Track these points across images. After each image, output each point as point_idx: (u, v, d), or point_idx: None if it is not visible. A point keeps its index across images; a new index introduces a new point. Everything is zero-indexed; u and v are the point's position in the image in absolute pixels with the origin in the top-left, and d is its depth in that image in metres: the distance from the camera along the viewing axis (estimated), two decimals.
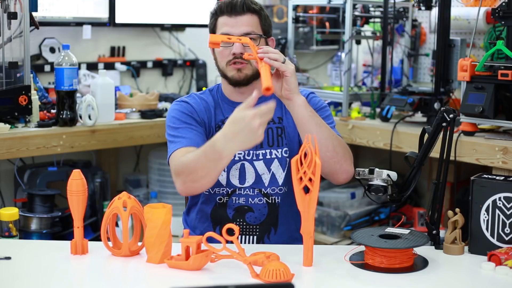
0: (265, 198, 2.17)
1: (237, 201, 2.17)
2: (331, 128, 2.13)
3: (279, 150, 2.18)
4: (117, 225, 3.00)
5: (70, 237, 2.02)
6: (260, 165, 2.16)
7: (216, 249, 1.74)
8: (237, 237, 1.72)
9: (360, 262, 1.81)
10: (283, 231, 2.19)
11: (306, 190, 1.75)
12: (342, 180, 2.09)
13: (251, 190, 2.17)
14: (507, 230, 1.85)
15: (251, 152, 2.16)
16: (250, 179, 2.17)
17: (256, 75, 2.14)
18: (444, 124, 1.92)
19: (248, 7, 2.14)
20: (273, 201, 2.17)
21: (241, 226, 2.16)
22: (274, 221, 2.18)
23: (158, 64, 4.08)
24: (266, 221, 2.17)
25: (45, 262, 1.84)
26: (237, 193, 2.17)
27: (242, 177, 2.17)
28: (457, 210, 1.91)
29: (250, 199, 2.16)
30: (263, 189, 2.17)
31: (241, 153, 2.16)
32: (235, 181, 2.17)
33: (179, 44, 4.18)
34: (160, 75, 4.12)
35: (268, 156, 2.16)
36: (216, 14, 2.17)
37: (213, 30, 2.18)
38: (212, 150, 1.86)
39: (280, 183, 2.17)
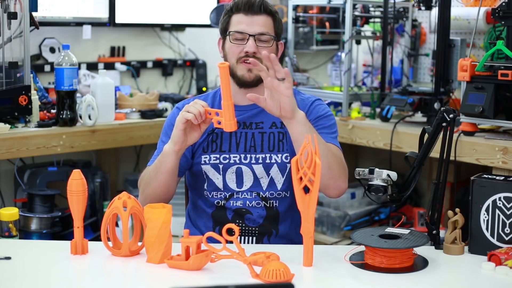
0: (263, 201, 2.16)
1: (235, 204, 2.16)
2: (332, 138, 2.14)
3: (279, 155, 2.16)
4: (117, 225, 3.00)
5: (70, 237, 2.02)
6: (259, 169, 2.15)
7: (216, 249, 1.74)
8: (237, 237, 1.72)
9: (360, 262, 1.81)
10: (283, 235, 2.18)
11: (306, 190, 1.76)
12: (333, 196, 2.12)
13: (249, 193, 2.16)
14: (507, 230, 1.85)
15: (248, 156, 2.15)
16: (248, 183, 2.16)
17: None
18: (444, 124, 1.92)
19: (265, 8, 2.15)
20: (271, 205, 2.17)
21: (241, 228, 2.16)
22: (273, 224, 2.17)
23: (158, 64, 4.08)
24: (264, 224, 2.16)
25: (45, 262, 1.84)
26: (235, 196, 2.17)
27: (239, 180, 2.16)
28: (457, 210, 1.91)
29: (248, 202, 2.16)
30: (261, 193, 2.16)
31: (236, 156, 2.15)
32: (232, 184, 2.16)
33: (179, 44, 4.18)
34: (160, 75, 4.12)
35: (267, 161, 2.15)
36: (231, 11, 2.17)
37: (225, 28, 2.18)
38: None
39: (279, 188, 2.16)
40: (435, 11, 3.33)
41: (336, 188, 2.08)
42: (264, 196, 2.16)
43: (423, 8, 3.21)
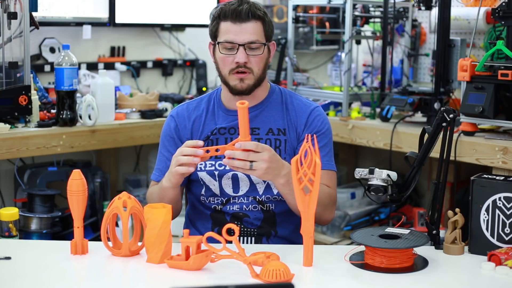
0: (260, 205, 2.15)
1: (231, 209, 2.16)
2: (327, 162, 2.14)
3: None
4: (117, 225, 3.00)
5: (70, 237, 2.02)
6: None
7: (216, 249, 1.74)
8: (237, 238, 1.72)
9: (360, 262, 1.81)
10: (282, 236, 2.18)
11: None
12: (322, 225, 2.28)
13: (245, 198, 2.16)
14: (507, 230, 1.85)
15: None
16: (244, 188, 2.15)
17: (257, 84, 2.14)
18: (444, 124, 1.92)
19: (254, 14, 2.09)
20: (268, 208, 2.16)
21: (240, 229, 2.15)
22: (272, 226, 2.17)
23: (158, 64, 4.08)
24: (262, 225, 2.16)
25: (45, 262, 1.84)
26: (231, 201, 2.16)
27: (235, 186, 2.16)
28: (457, 210, 1.91)
29: (244, 206, 2.15)
30: (257, 197, 2.15)
31: None
32: (229, 190, 2.16)
33: (179, 44, 4.18)
34: (160, 75, 4.12)
35: None
36: (219, 18, 2.12)
37: (215, 34, 2.14)
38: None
39: (275, 193, 2.15)
40: (435, 11, 3.33)
41: (323, 221, 2.18)
42: (260, 199, 2.15)
43: (423, 8, 3.21)
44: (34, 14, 3.00)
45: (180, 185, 2.06)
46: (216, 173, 2.15)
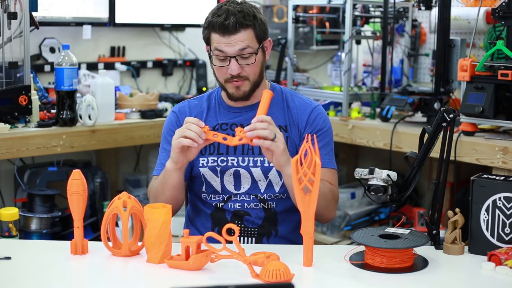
0: (261, 203, 2.15)
1: (233, 206, 2.16)
2: (328, 161, 2.16)
3: None
4: (117, 225, 3.00)
5: (70, 237, 2.02)
6: (257, 172, 2.14)
7: (216, 249, 1.74)
8: (237, 238, 1.72)
9: (360, 262, 1.81)
10: (282, 235, 2.18)
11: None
12: (325, 223, 2.31)
13: (246, 195, 2.15)
14: (507, 230, 1.85)
15: (246, 158, 2.14)
16: (245, 185, 2.15)
17: (255, 88, 2.14)
18: (444, 124, 1.92)
19: (242, 24, 2.05)
20: (269, 207, 2.16)
21: (240, 229, 2.15)
22: (272, 225, 2.17)
23: (158, 64, 4.08)
24: (263, 225, 2.16)
25: (45, 262, 1.84)
26: (233, 199, 2.16)
27: (237, 183, 2.15)
28: (457, 210, 1.91)
29: (246, 204, 2.15)
30: (259, 195, 2.15)
31: (234, 159, 2.14)
32: (230, 187, 2.16)
33: (179, 44, 4.18)
34: (160, 75, 4.13)
35: (266, 164, 2.13)
36: (208, 29, 2.11)
37: (207, 42, 2.14)
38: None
39: (277, 190, 2.15)
40: (435, 11, 3.33)
41: (325, 219, 2.19)
42: (262, 198, 2.15)
43: (423, 8, 3.21)
44: (34, 14, 3.00)
45: (183, 168, 2.05)
46: (218, 169, 2.15)
